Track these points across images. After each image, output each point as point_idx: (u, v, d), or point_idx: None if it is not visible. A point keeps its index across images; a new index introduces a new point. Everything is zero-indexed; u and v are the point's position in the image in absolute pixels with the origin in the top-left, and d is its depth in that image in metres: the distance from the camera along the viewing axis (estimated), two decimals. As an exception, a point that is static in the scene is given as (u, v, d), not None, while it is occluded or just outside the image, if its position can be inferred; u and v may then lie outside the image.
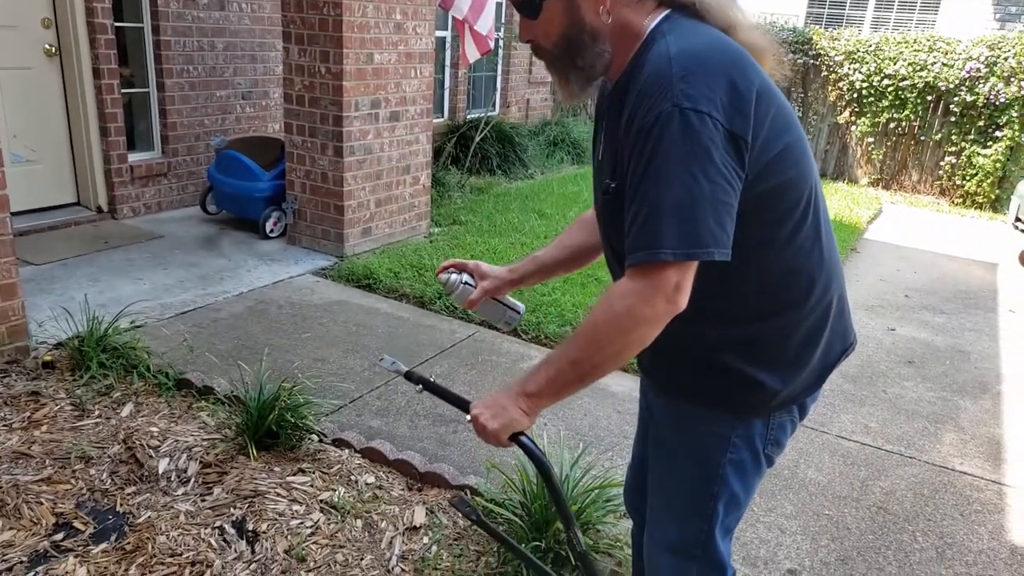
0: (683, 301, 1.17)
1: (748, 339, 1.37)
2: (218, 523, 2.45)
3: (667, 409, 1.52)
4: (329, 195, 5.12)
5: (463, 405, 1.49)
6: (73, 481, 2.56)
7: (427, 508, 2.54)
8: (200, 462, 2.75)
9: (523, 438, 1.36)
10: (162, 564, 2.23)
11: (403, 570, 2.28)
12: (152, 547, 2.31)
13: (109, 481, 2.61)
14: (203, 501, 2.56)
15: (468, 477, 2.68)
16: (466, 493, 2.58)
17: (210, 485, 2.65)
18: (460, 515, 2.49)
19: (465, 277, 1.73)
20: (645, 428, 1.71)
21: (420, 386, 1.64)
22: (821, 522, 2.66)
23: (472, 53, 6.26)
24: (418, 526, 2.45)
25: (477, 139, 7.27)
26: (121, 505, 2.50)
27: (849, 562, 2.46)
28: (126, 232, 5.39)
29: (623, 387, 3.53)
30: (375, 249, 5.34)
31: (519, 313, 1.79)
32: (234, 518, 2.47)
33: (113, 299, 4.11)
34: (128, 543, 2.33)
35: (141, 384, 3.23)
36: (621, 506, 2.31)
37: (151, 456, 2.73)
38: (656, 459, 1.56)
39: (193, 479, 2.67)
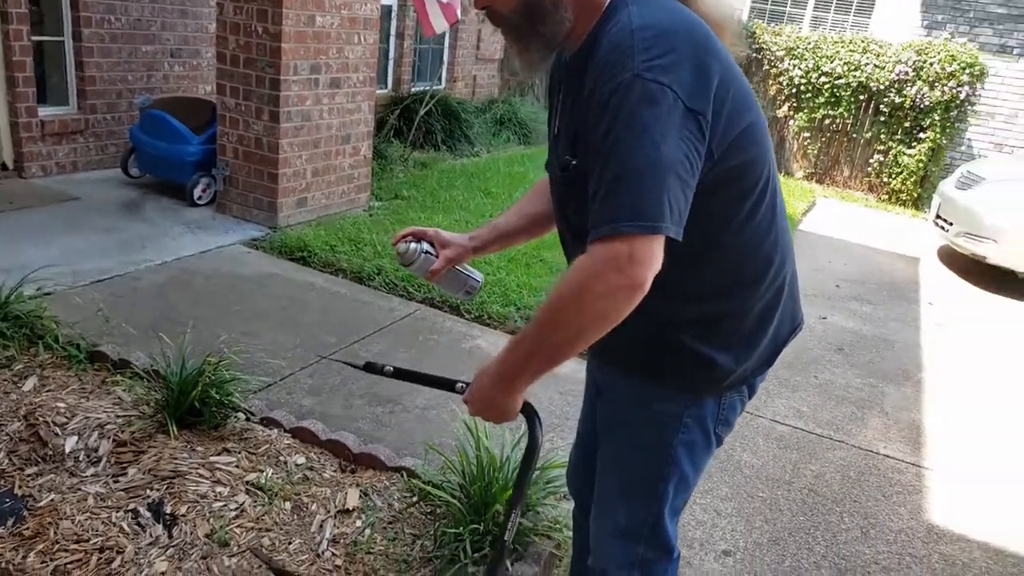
0: (641, 274, 1.10)
1: (704, 317, 1.35)
2: (132, 506, 2.29)
3: (618, 387, 1.48)
4: (263, 162, 4.89)
5: (449, 386, 1.45)
6: (-34, 460, 2.35)
7: (361, 490, 2.44)
8: (113, 440, 2.56)
9: (528, 412, 1.37)
10: (65, 551, 2.06)
11: (334, 554, 2.18)
12: (55, 532, 2.13)
13: (7, 461, 2.40)
14: (116, 483, 2.39)
15: (405, 459, 2.58)
16: (402, 475, 2.49)
17: (124, 465, 2.47)
18: (394, 498, 2.40)
19: (425, 246, 1.62)
20: (592, 408, 1.66)
21: (390, 369, 1.55)
22: (755, 504, 2.68)
23: (440, 24, 6.02)
24: (351, 509, 2.35)
25: (422, 112, 7.09)
26: (20, 487, 2.30)
27: (781, 543, 2.49)
28: (35, 192, 5.03)
29: (566, 368, 3.45)
30: (311, 221, 5.14)
31: (479, 282, 1.71)
32: (150, 500, 2.31)
33: (18, 265, 3.81)
34: (27, 528, 2.14)
35: (47, 356, 3.00)
36: (561, 488, 2.27)
37: (57, 434, 2.53)
38: (606, 440, 1.51)
39: (105, 459, 2.48)
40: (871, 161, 9.13)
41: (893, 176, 8.99)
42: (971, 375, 4.16)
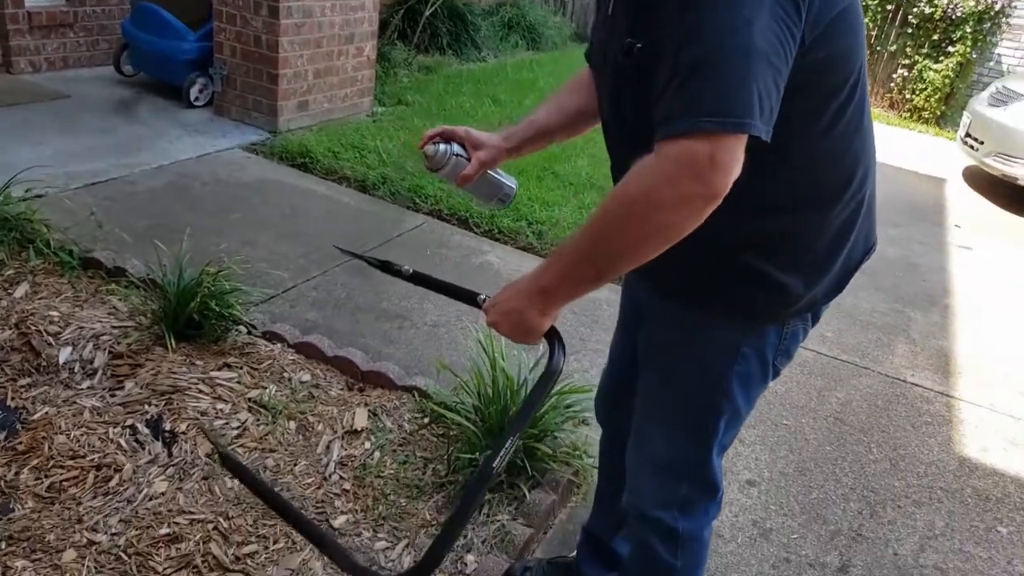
0: (722, 181, 0.92)
1: (776, 234, 1.17)
2: (129, 422, 2.18)
3: (667, 311, 1.31)
4: (262, 61, 4.59)
5: (471, 299, 1.28)
6: (-48, 370, 2.23)
7: (369, 410, 2.33)
8: (109, 352, 2.43)
9: (553, 338, 1.19)
10: (61, 467, 1.97)
11: (342, 477, 2.09)
12: (49, 448, 2.03)
13: (-1, 372, 2.29)
14: (112, 397, 2.27)
15: (415, 378, 2.46)
16: (413, 395, 2.38)
17: (121, 379, 2.35)
18: (404, 419, 2.29)
19: (456, 148, 1.43)
20: (630, 331, 1.50)
21: (408, 270, 1.39)
22: (779, 432, 2.58)
23: None
24: (359, 429, 2.24)
25: (427, 14, 6.67)
26: (13, 399, 2.19)
27: (807, 473, 2.40)
28: (24, 88, 4.76)
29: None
30: (312, 126, 4.88)
31: (514, 188, 1.52)
32: (149, 416, 2.20)
33: (6, 164, 3.59)
34: (20, 443, 2.04)
35: (39, 262, 2.83)
36: (581, 412, 2.15)
37: (50, 344, 2.40)
38: (651, 368, 1.36)
39: (101, 372, 2.36)
40: (894, 76, 8.71)
41: (917, 92, 8.59)
42: (1000, 301, 4.01)
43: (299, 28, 4.58)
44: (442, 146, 1.42)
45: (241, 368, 2.46)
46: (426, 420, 2.25)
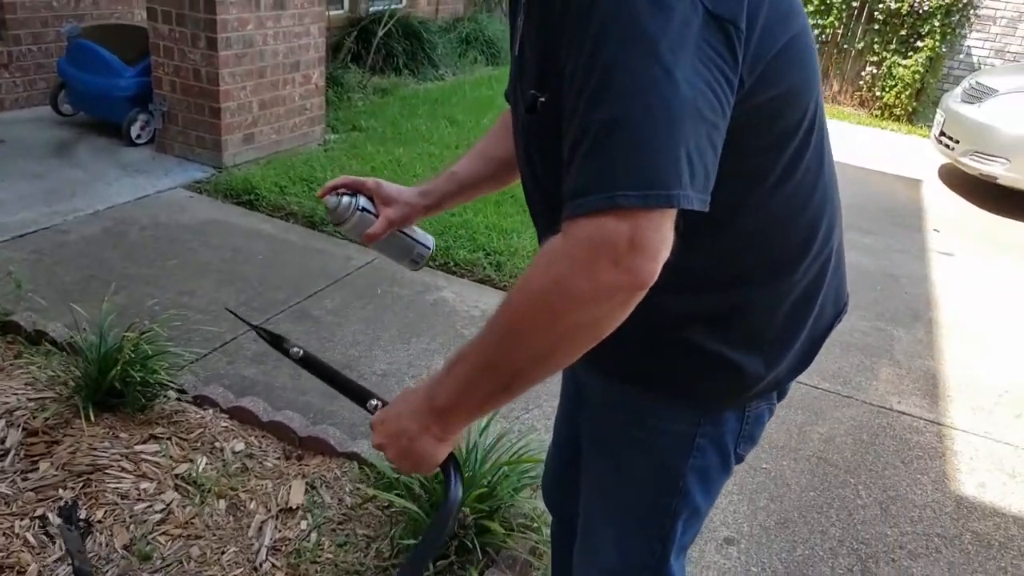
0: (649, 267, 0.74)
1: (725, 311, 0.98)
2: (40, 511, 1.95)
3: (608, 397, 1.12)
4: (203, 95, 4.38)
5: (361, 400, 1.05)
6: None
7: (307, 483, 2.11)
8: (23, 430, 2.20)
9: (449, 467, 0.96)
10: (-52, 580, 1.74)
11: (274, 565, 1.86)
12: (-57, 550, 1.80)
13: None
14: (24, 481, 2.04)
15: (358, 441, 2.24)
16: (355, 463, 2.16)
17: (35, 459, 2.12)
18: (345, 491, 2.08)
19: (362, 201, 1.24)
20: (572, 409, 1.31)
21: (298, 352, 1.15)
22: (759, 478, 2.39)
23: None
24: (295, 507, 2.02)
25: (380, 34, 6.48)
26: (-91, 489, 1.96)
27: (790, 525, 2.20)
28: (-45, 135, 4.51)
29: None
30: (259, 159, 4.65)
31: (429, 249, 1.33)
32: (62, 503, 1.97)
33: (-71, 219, 3.38)
34: (-90, 545, 1.81)
35: (-49, 329, 2.61)
36: (537, 480, 1.94)
37: (-48, 426, 2.17)
38: (592, 459, 1.16)
39: (13, 452, 2.13)
40: (863, 74, 8.65)
41: (887, 89, 8.53)
42: (987, 311, 3.84)
43: (240, 59, 4.37)
44: (345, 199, 1.23)
45: (168, 439, 2.24)
46: (369, 493, 2.04)
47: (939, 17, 8.03)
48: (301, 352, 1.14)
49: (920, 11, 8.08)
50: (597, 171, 0.73)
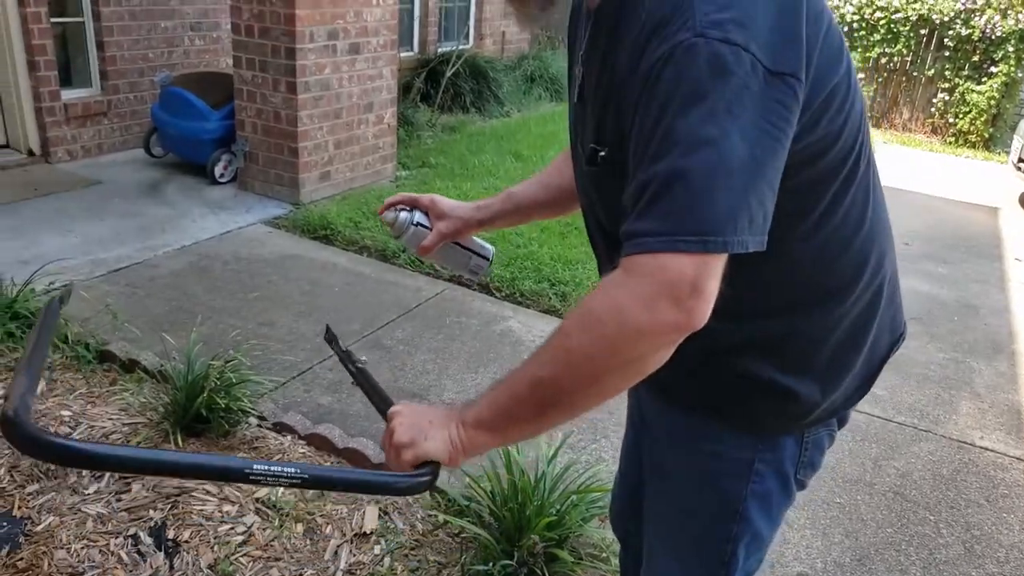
0: (702, 311, 0.79)
1: (778, 338, 1.01)
2: (132, 530, 2.08)
3: (669, 424, 1.15)
4: (283, 136, 4.62)
5: (382, 407, 1.07)
6: (-40, 481, 2.17)
7: (380, 509, 2.18)
8: (118, 452, 2.35)
9: (425, 471, 0.93)
10: (55, 589, 1.87)
11: (349, 588, 1.94)
12: (49, 563, 1.94)
13: (7, 478, 2.22)
14: (118, 502, 2.18)
15: (429, 469, 2.31)
16: (427, 492, 2.22)
17: (128, 481, 2.26)
18: (417, 517, 2.14)
19: (418, 216, 1.32)
20: (636, 438, 1.34)
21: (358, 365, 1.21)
22: (832, 512, 2.34)
23: None
24: (368, 532, 2.09)
25: (448, 74, 6.71)
26: (19, 508, 2.11)
27: (867, 562, 2.15)
28: (60, 178, 4.87)
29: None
30: (334, 195, 4.87)
31: (488, 259, 1.40)
32: (152, 523, 2.10)
33: (37, 255, 3.64)
34: (21, 558, 1.95)
35: (56, 357, 2.80)
36: (606, 509, 1.96)
37: (56, 449, 2.33)
38: (655, 490, 1.20)
39: (108, 474, 2.28)
40: (934, 101, 8.46)
41: (960, 116, 8.30)
42: (1072, 343, 3.68)
43: (317, 101, 4.61)
44: (402, 214, 1.32)
45: (250, 464, 2.35)
46: (440, 519, 2.09)
47: (1013, 42, 7.81)
48: (357, 367, 1.21)
49: (992, 37, 7.87)
50: (660, 217, 0.78)
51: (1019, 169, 5.79)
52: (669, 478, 1.16)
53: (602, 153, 0.93)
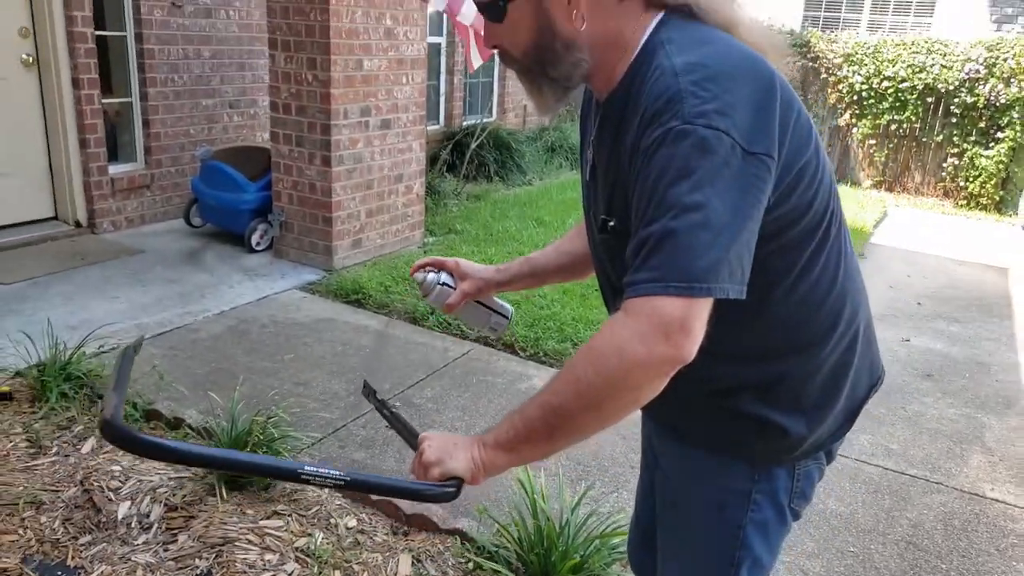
0: (690, 347, 0.95)
1: (766, 380, 1.18)
2: (181, 576, 2.22)
3: (675, 459, 1.31)
4: (317, 206, 4.90)
5: (412, 441, 1.23)
6: (21, 531, 2.32)
7: (413, 556, 2.31)
8: (165, 505, 2.52)
9: (451, 483, 1.09)
10: (111, 633, 2.00)
11: (385, 630, 2.05)
12: (105, 608, 2.08)
13: (61, 530, 2.38)
14: (166, 551, 2.33)
15: (459, 519, 2.44)
16: (457, 539, 2.35)
17: (175, 532, 2.41)
18: (448, 564, 2.26)
19: (444, 277, 1.50)
20: (650, 478, 1.49)
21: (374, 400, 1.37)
22: (846, 560, 2.43)
23: (476, 59, 6.05)
24: (403, 577, 2.23)
25: (473, 146, 7.05)
26: (73, 558, 2.26)
27: (879, 610, 2.23)
28: (105, 247, 5.17)
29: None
30: (366, 261, 5.11)
31: (507, 318, 1.57)
32: (199, 571, 2.24)
33: (85, 321, 3.89)
34: (78, 604, 2.10)
35: (108, 416, 2.99)
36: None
37: (110, 500, 2.50)
38: (666, 521, 1.34)
39: (156, 525, 2.44)
40: (944, 165, 8.65)
41: (970, 180, 8.48)
42: (1083, 399, 3.75)
43: (351, 173, 4.90)
44: (430, 275, 1.50)
45: (289, 515, 2.50)
46: (470, 567, 2.22)
47: (1018, 109, 8.03)
48: (389, 412, 1.37)
49: (997, 104, 8.11)
50: (654, 268, 0.96)
51: (1028, 230, 5.93)
52: (678, 509, 1.30)
53: (611, 223, 1.12)
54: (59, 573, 2.20)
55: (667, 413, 1.27)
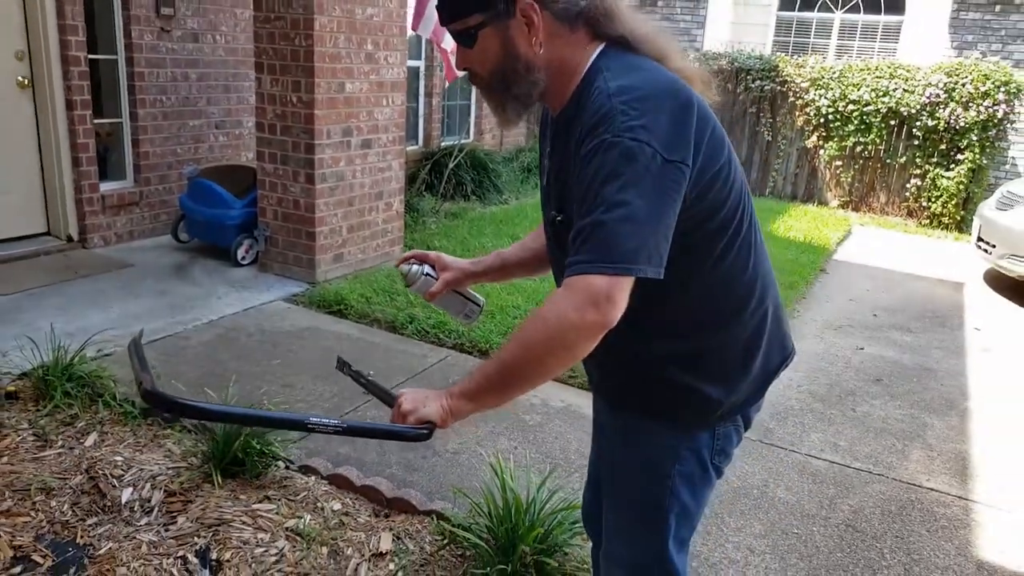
0: (614, 314, 1.19)
1: (690, 352, 1.41)
2: (181, 553, 2.41)
3: (616, 425, 1.55)
4: (301, 222, 5.12)
5: (389, 400, 1.44)
6: (33, 513, 2.50)
7: (394, 534, 2.52)
8: (164, 491, 2.70)
9: (425, 427, 1.32)
10: (120, 597, 2.19)
11: (368, 598, 2.25)
12: (112, 580, 2.26)
13: (70, 512, 2.56)
14: (166, 531, 2.52)
15: (435, 502, 2.65)
16: (433, 519, 2.56)
17: (174, 514, 2.60)
18: (425, 541, 2.47)
19: (427, 268, 1.72)
20: (598, 446, 1.72)
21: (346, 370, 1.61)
22: (790, 540, 2.66)
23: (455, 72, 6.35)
24: (384, 552, 2.43)
25: (451, 166, 7.32)
26: (82, 537, 2.45)
27: (817, 580, 2.46)
28: (96, 261, 5.33)
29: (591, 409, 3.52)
30: (347, 275, 5.33)
31: (480, 306, 1.79)
32: (198, 547, 2.43)
33: (81, 328, 4.05)
34: (87, 576, 2.28)
35: (107, 413, 3.18)
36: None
37: (114, 486, 2.68)
38: (607, 477, 1.58)
39: (156, 508, 2.62)
40: (908, 186, 9.02)
41: (932, 200, 8.85)
42: (1022, 401, 4.04)
43: (333, 191, 5.13)
44: (415, 267, 1.72)
45: (279, 500, 2.69)
46: (445, 541, 2.43)
47: (976, 131, 8.42)
48: (365, 380, 1.59)
49: (956, 127, 8.51)
50: (588, 252, 1.20)
51: (979, 247, 6.27)
52: (617, 467, 1.54)
53: (559, 218, 1.37)
54: (70, 550, 2.38)
55: (609, 387, 1.53)
